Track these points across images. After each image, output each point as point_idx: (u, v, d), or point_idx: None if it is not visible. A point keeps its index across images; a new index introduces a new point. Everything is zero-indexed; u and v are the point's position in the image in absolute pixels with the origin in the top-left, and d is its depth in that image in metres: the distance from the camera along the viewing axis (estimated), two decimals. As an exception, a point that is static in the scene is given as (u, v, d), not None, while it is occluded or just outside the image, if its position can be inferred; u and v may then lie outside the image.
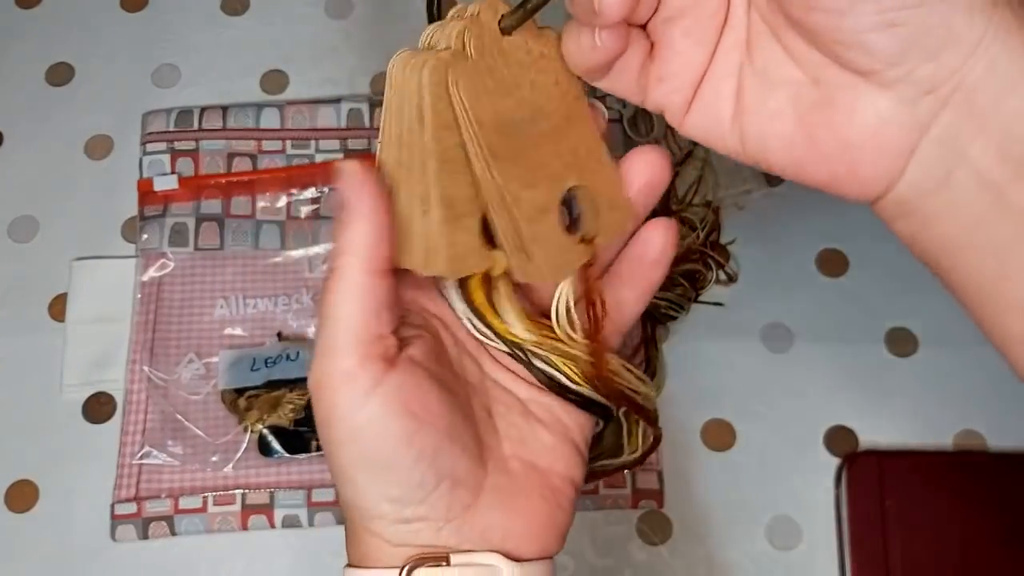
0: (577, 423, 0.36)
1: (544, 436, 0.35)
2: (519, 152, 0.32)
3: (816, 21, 0.28)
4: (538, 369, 0.34)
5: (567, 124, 0.33)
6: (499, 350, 0.35)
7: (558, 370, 0.35)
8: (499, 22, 0.31)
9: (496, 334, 0.34)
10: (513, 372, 0.36)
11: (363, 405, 0.30)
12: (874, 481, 0.52)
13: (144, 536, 0.52)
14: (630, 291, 0.36)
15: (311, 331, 0.57)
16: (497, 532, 0.32)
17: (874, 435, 0.55)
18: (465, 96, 0.30)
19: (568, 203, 0.34)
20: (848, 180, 0.30)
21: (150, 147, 0.60)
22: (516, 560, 0.32)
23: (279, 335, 0.56)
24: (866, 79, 0.29)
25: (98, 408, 0.55)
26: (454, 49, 0.31)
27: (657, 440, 0.39)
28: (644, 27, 0.32)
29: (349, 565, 0.33)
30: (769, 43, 0.31)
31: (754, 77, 0.31)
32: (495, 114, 0.31)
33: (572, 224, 0.34)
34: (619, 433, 0.39)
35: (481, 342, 0.35)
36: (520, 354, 0.34)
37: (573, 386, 0.35)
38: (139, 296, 0.56)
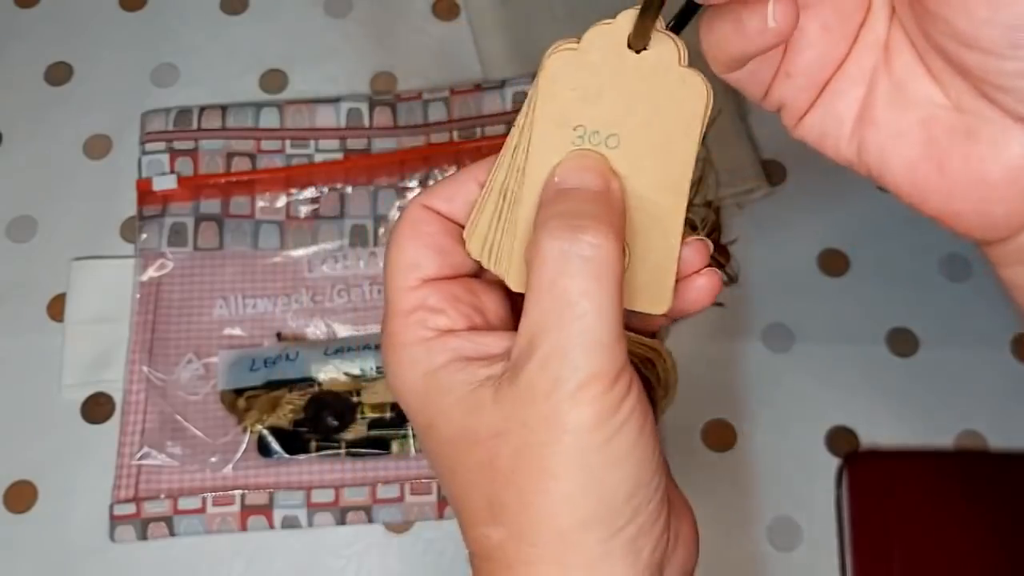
0: None
1: None
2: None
3: (971, 60, 0.26)
4: None
5: (651, 172, 0.30)
6: None
7: None
8: (628, 37, 0.29)
9: None
10: None
11: (615, 414, 0.27)
12: (875, 481, 0.52)
13: (143, 537, 0.52)
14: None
15: (310, 331, 0.56)
16: (683, 541, 0.31)
17: (875, 435, 0.55)
18: (541, 81, 0.29)
19: None
20: (973, 217, 0.28)
21: (149, 147, 0.59)
22: None
23: (278, 335, 0.56)
24: (1017, 121, 0.26)
25: (97, 408, 0.55)
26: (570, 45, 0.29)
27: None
28: None
29: None
30: (910, 55, 0.28)
31: (888, 87, 0.28)
32: (563, 111, 0.29)
33: None
34: None
35: None
36: None
37: None
38: (138, 296, 0.56)
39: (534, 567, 0.28)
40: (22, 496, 0.53)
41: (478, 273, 0.33)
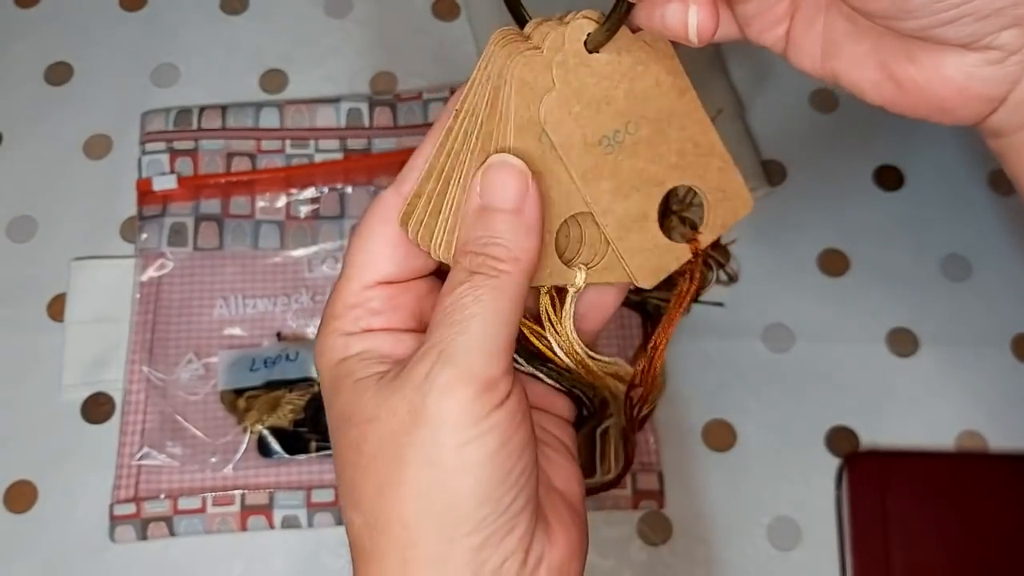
0: (568, 434, 0.35)
1: (551, 454, 0.34)
2: (613, 167, 0.32)
3: (878, 21, 0.29)
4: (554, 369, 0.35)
5: (669, 123, 0.33)
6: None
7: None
8: (584, 43, 0.31)
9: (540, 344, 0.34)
10: None
11: (479, 422, 0.28)
12: (875, 482, 0.52)
13: (143, 537, 0.52)
14: (613, 295, 0.36)
15: (310, 331, 0.56)
16: (546, 567, 0.31)
17: (875, 436, 0.55)
18: (552, 128, 0.31)
19: (665, 203, 0.34)
20: (941, 117, 0.31)
21: (149, 147, 0.59)
22: None
23: (278, 335, 0.56)
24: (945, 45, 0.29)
25: (97, 408, 0.55)
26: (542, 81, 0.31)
27: (629, 463, 0.39)
28: None
29: None
30: None
31: (841, 19, 0.32)
32: (583, 136, 0.32)
33: (664, 224, 0.34)
34: (592, 453, 0.39)
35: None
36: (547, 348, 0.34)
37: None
38: (138, 296, 0.56)
39: (384, 560, 0.29)
40: (22, 496, 0.53)
41: (438, 271, 0.34)
